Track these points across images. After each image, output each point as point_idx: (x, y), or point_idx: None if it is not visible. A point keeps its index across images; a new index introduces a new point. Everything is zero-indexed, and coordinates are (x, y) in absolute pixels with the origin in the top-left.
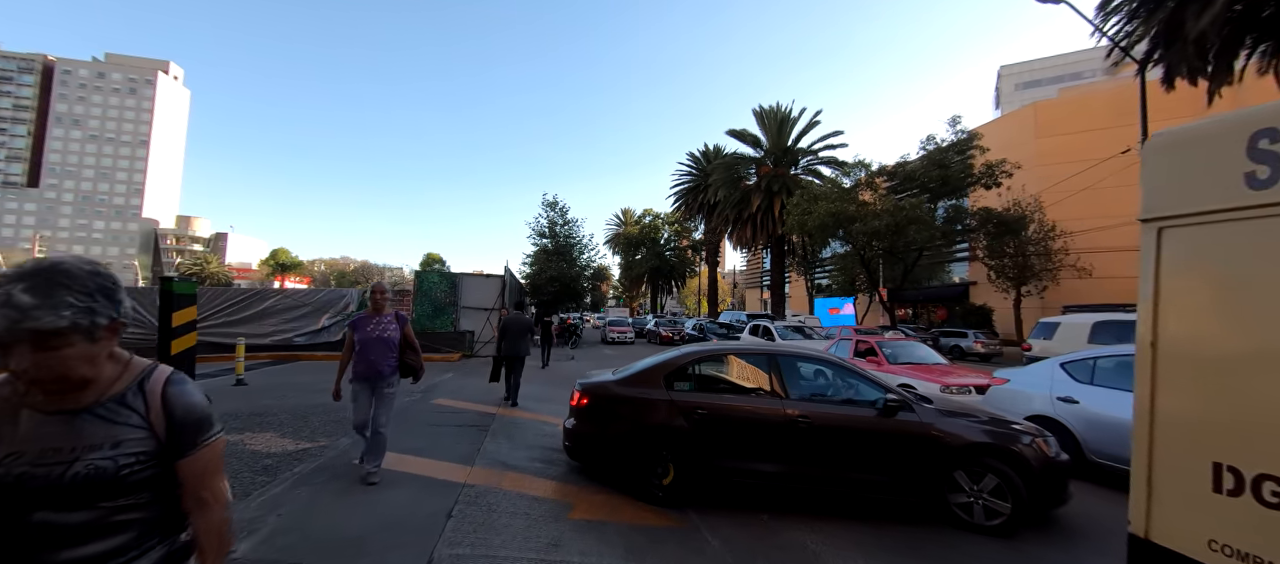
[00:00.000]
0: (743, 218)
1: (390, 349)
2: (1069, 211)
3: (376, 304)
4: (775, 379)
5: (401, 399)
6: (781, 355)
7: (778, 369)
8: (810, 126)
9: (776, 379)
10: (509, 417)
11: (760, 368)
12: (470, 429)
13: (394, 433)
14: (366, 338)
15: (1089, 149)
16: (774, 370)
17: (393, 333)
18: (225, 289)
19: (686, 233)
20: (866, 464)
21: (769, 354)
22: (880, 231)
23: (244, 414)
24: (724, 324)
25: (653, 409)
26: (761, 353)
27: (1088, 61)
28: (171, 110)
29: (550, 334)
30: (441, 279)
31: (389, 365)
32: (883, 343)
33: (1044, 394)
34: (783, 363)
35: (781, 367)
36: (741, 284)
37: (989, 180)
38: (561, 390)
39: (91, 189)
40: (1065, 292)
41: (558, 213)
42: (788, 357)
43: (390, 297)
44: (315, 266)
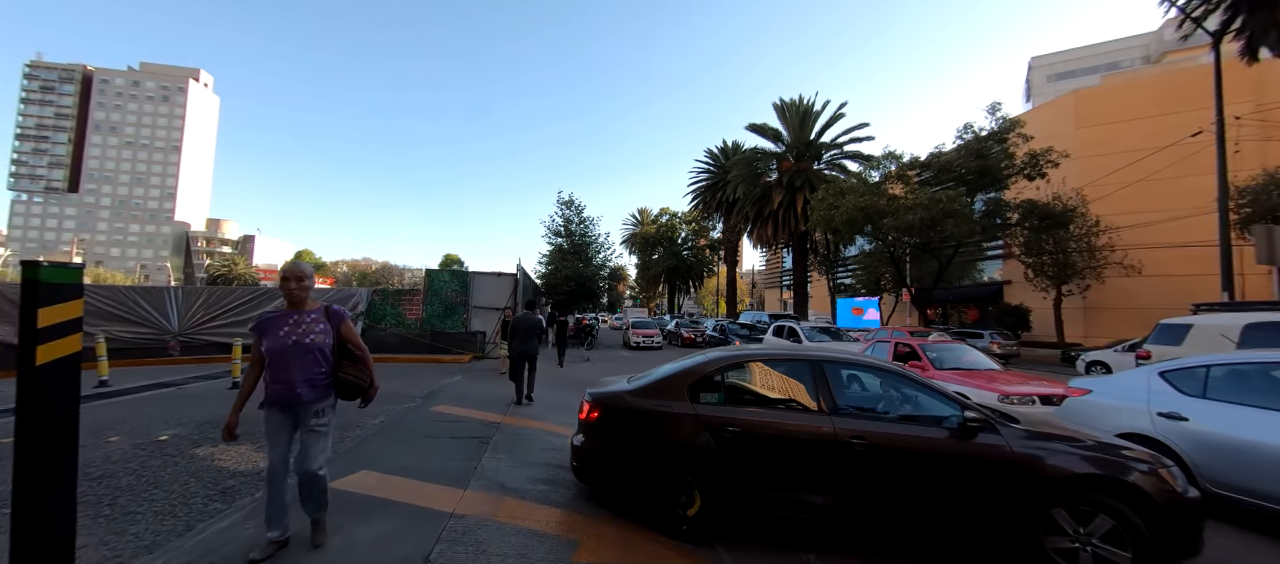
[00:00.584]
0: (763, 215)
1: (317, 360)
2: (1114, 206)
3: (291, 297)
4: (821, 391)
5: (398, 407)
6: (828, 362)
7: (824, 379)
8: (834, 120)
9: (823, 391)
10: (514, 426)
11: (802, 377)
12: (469, 442)
13: (384, 447)
14: (279, 346)
15: (1135, 139)
16: (819, 380)
17: (321, 336)
18: (231, 289)
19: (704, 232)
20: (938, 497)
21: (812, 361)
22: (914, 226)
23: None
24: (746, 325)
25: (675, 425)
26: (803, 359)
27: (1125, 50)
28: (202, 116)
29: (565, 334)
30: (452, 278)
31: (315, 384)
32: (927, 346)
33: (1139, 408)
34: (829, 371)
35: (828, 376)
36: (760, 284)
37: (1032, 171)
38: (573, 395)
39: (127, 193)
40: (1111, 291)
41: (573, 211)
42: (835, 364)
43: (310, 286)
44: (338, 268)
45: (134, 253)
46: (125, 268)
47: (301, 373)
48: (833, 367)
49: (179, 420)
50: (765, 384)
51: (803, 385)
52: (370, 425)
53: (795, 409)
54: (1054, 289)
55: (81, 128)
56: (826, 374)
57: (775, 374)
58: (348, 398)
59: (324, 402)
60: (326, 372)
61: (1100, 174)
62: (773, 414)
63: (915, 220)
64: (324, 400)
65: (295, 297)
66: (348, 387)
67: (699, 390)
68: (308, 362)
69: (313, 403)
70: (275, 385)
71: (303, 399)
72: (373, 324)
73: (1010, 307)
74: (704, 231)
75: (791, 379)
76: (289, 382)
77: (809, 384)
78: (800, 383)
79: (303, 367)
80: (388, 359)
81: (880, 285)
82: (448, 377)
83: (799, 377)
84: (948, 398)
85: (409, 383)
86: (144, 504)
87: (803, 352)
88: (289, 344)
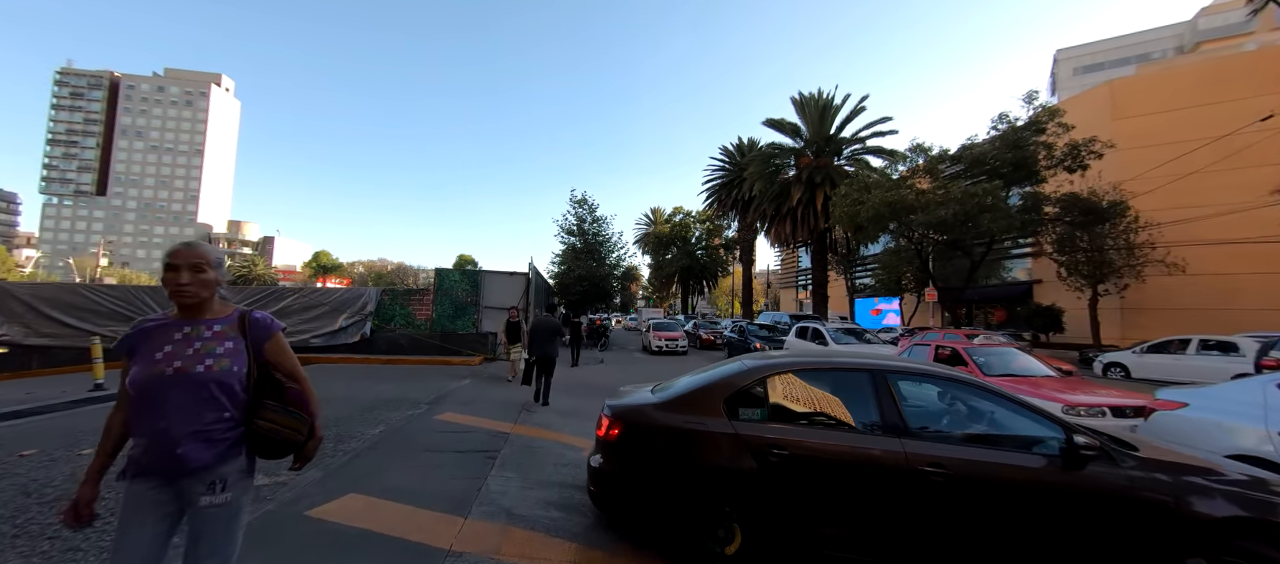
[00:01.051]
0: (781, 212)
1: (216, 401)
2: (1153, 201)
3: (181, 296)
4: (886, 407)
5: (400, 414)
6: (892, 372)
7: (889, 392)
8: (855, 113)
9: (888, 407)
10: (524, 437)
11: (861, 390)
12: (475, 456)
13: (379, 463)
14: (150, 378)
15: (1176, 130)
16: (883, 394)
17: (226, 362)
18: (240, 289)
19: (718, 231)
20: (1039, 544)
21: (873, 370)
22: (947, 222)
23: None
24: (765, 326)
25: (710, 446)
26: (861, 368)
27: (1156, 42)
28: (224, 120)
29: (579, 334)
30: (463, 277)
31: (212, 439)
32: (973, 349)
33: (1255, 428)
34: (895, 383)
35: (894, 389)
36: (775, 284)
37: (1073, 162)
38: (588, 401)
39: (152, 196)
40: (1152, 290)
41: (586, 210)
42: (902, 374)
43: (218, 277)
44: (355, 269)
45: (159, 254)
46: (150, 269)
47: (187, 421)
48: (899, 377)
49: None
50: (816, 398)
51: (863, 400)
52: (367, 437)
53: (855, 429)
54: (1089, 289)
55: (109, 133)
56: (892, 386)
57: (828, 386)
58: (270, 456)
59: (225, 468)
60: (233, 419)
61: (1139, 167)
62: (827, 435)
63: (948, 215)
64: (226, 465)
65: (188, 296)
66: (270, 441)
67: (737, 405)
68: (199, 403)
69: (206, 472)
70: (143, 441)
71: (188, 465)
72: (382, 325)
73: (1041, 307)
74: (718, 231)
75: (848, 392)
76: (164, 436)
77: (870, 398)
78: (859, 397)
79: (190, 411)
80: (397, 361)
81: (901, 285)
82: (456, 380)
83: (857, 389)
84: (1045, 417)
85: (415, 387)
86: (92, 536)
87: (860, 359)
88: (167, 374)
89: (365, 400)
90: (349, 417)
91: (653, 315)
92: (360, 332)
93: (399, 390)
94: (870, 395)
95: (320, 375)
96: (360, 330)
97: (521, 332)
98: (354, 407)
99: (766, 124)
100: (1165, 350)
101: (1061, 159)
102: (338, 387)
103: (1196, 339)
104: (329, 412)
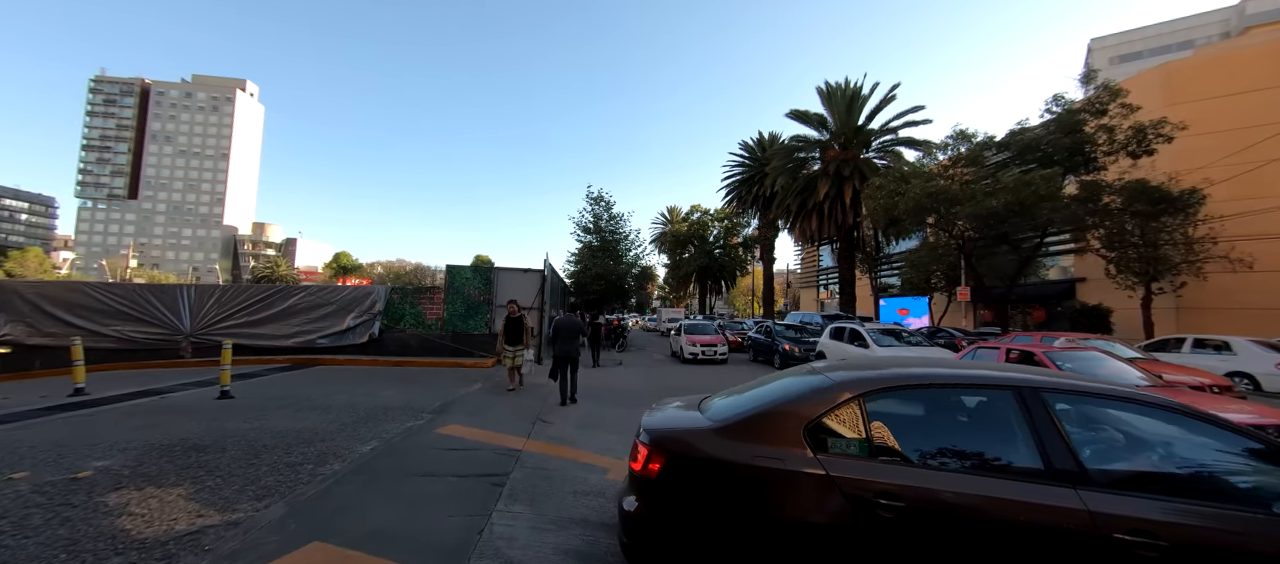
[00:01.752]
0: (806, 208)
1: None
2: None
3: None
4: (1048, 441)
5: (398, 427)
6: (1049, 390)
7: (1049, 419)
8: (884, 103)
9: (1053, 441)
10: (538, 455)
11: (1004, 416)
12: (479, 484)
13: (362, 493)
14: None
15: (1240, 116)
16: (1039, 421)
17: None
18: (247, 287)
19: (737, 229)
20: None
21: (1021, 387)
22: (997, 213)
23: (183, 446)
24: (793, 326)
25: (788, 491)
26: (1004, 385)
27: (1199, 28)
28: (248, 124)
29: (599, 335)
30: (475, 274)
31: None
32: (1055, 353)
33: None
34: (1053, 402)
35: (1056, 414)
36: (795, 283)
37: (1138, 147)
38: (611, 410)
39: (181, 199)
40: (1213, 288)
41: (603, 207)
42: (1062, 393)
43: None
44: (374, 269)
45: (187, 256)
46: (178, 270)
47: None
48: (1059, 397)
49: (126, 444)
50: (939, 427)
51: (1009, 430)
52: (355, 457)
53: (1002, 473)
54: (1143, 287)
55: (140, 138)
56: (1052, 411)
57: (955, 410)
58: None
59: None
60: None
61: (1197, 156)
62: (962, 481)
63: (999, 205)
64: None
65: None
66: None
67: (824, 433)
68: None
69: None
70: None
71: None
72: (391, 324)
73: (1086, 306)
74: (737, 229)
75: (986, 420)
76: None
77: (1021, 428)
78: (1003, 425)
79: None
80: (405, 363)
81: (930, 284)
82: (466, 385)
83: (998, 414)
84: None
85: (420, 392)
86: None
87: (996, 373)
88: None
89: (363, 409)
90: (339, 429)
91: (673, 315)
92: (368, 332)
93: (403, 396)
94: (1020, 424)
95: (322, 378)
96: (368, 330)
97: (525, 330)
98: (349, 417)
99: (790, 116)
100: (1161, 348)
101: (1124, 144)
102: (338, 392)
103: (1191, 338)
104: (318, 423)
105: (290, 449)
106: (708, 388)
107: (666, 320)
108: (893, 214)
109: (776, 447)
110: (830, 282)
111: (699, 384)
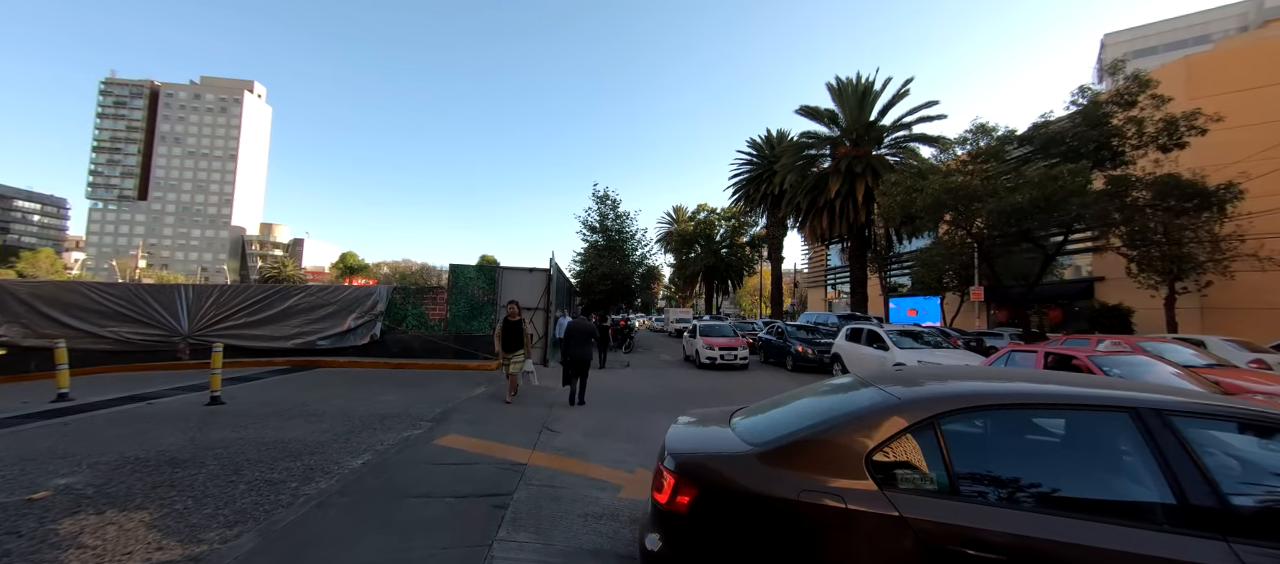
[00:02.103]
0: (817, 206)
1: None
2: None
3: None
4: (1184, 476)
5: (394, 436)
6: (1177, 413)
7: (1182, 448)
8: (897, 98)
9: (1190, 477)
10: (544, 470)
11: (1121, 443)
12: (479, 506)
13: (346, 519)
14: None
15: (1266, 109)
16: (1169, 450)
17: None
18: (245, 287)
19: (744, 228)
20: None
21: (1140, 409)
22: (1023, 209)
23: (160, 460)
24: (804, 327)
25: (853, 536)
26: (1116, 406)
27: (1217, 22)
28: (256, 125)
29: (607, 336)
30: (479, 274)
31: None
32: (1100, 357)
33: None
34: (1184, 428)
35: (1190, 443)
36: (802, 283)
37: (1169, 140)
38: (620, 417)
39: (189, 200)
40: (1241, 287)
41: (609, 206)
42: (1194, 415)
43: None
44: (380, 269)
45: (195, 256)
46: (187, 270)
47: None
48: (1192, 421)
49: (98, 457)
50: (1034, 454)
51: (1126, 461)
52: (343, 472)
53: (1122, 515)
54: (1166, 286)
55: (150, 139)
56: (1184, 438)
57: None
58: None
59: None
60: None
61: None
62: (1075, 528)
63: (1025, 201)
64: None
65: None
66: None
67: (892, 463)
68: None
69: None
70: None
71: None
72: (393, 325)
73: (1106, 306)
74: (744, 228)
75: (1097, 447)
76: None
77: (1145, 459)
78: (1118, 455)
79: None
80: (407, 365)
81: (942, 283)
82: (469, 389)
83: (1112, 442)
84: None
85: (420, 397)
86: None
87: (1106, 391)
88: None
89: (359, 416)
90: (331, 440)
91: (681, 316)
92: (370, 333)
93: (402, 402)
94: (1144, 453)
95: (321, 382)
96: (370, 332)
97: (526, 336)
98: (342, 425)
99: (800, 112)
100: None
101: (1154, 136)
102: (334, 396)
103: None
104: (308, 433)
105: (274, 464)
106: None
107: (675, 321)
108: (909, 211)
109: (833, 479)
110: (838, 281)
111: (710, 388)
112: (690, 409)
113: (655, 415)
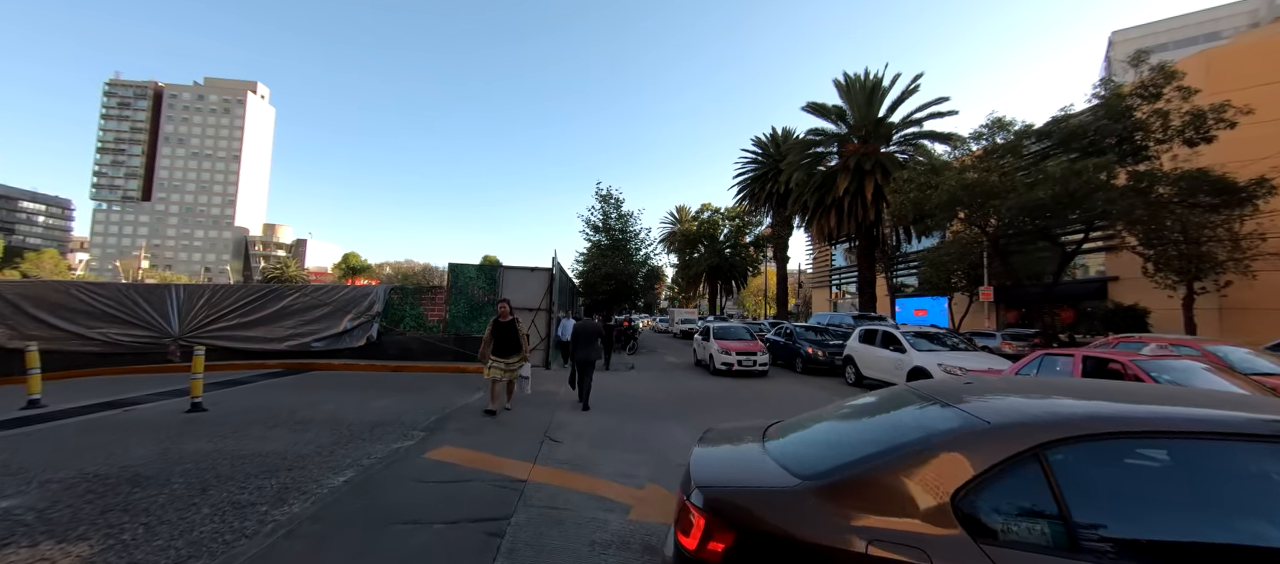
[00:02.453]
0: (825, 204)
1: None
2: None
3: None
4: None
5: (383, 448)
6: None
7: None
8: (906, 94)
9: None
10: (546, 488)
11: None
12: (471, 533)
13: (316, 551)
14: None
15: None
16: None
17: None
18: (238, 287)
19: (748, 227)
20: None
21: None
22: (1044, 205)
23: (121, 477)
24: (814, 328)
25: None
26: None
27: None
28: (259, 126)
29: (611, 336)
30: (480, 274)
31: None
32: (1146, 362)
33: None
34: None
35: None
36: (807, 283)
37: (1195, 133)
38: (626, 423)
39: (193, 201)
40: (1263, 287)
41: (612, 205)
42: None
43: None
44: (383, 270)
45: (199, 257)
46: (191, 271)
47: None
48: None
49: (53, 474)
50: (1173, 496)
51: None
52: (321, 493)
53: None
54: (1184, 286)
55: (153, 140)
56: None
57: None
58: None
59: None
60: None
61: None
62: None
63: (1046, 196)
64: None
65: None
66: None
67: (986, 506)
68: None
69: None
70: None
71: None
72: (391, 326)
73: (1121, 307)
74: (748, 227)
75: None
76: None
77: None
78: None
79: None
80: (405, 368)
81: (950, 284)
82: (467, 393)
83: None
84: None
85: (415, 403)
86: None
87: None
88: None
89: (348, 424)
90: (314, 453)
91: (686, 316)
92: (366, 335)
93: (396, 408)
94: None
95: (313, 385)
96: (366, 333)
97: (522, 338)
98: (329, 435)
99: (807, 109)
100: None
101: (1180, 130)
102: (324, 402)
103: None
104: (290, 444)
105: (247, 481)
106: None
107: (680, 321)
108: (923, 209)
109: (911, 525)
110: (843, 281)
111: (721, 392)
112: (700, 417)
113: (664, 422)
